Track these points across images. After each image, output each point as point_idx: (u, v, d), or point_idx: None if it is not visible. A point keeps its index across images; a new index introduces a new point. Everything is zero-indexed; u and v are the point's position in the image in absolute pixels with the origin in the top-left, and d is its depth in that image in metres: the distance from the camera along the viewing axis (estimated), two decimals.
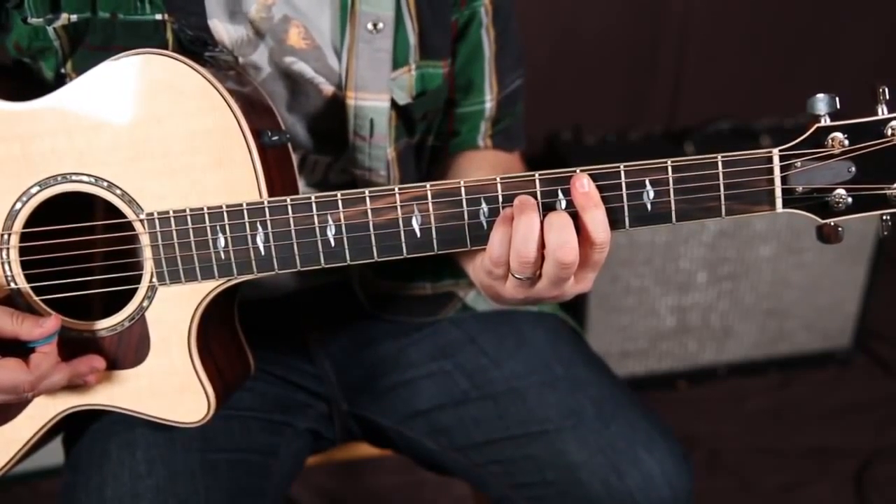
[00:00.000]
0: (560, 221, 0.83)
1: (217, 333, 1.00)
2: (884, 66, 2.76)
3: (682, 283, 2.27)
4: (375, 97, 1.07)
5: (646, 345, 2.34)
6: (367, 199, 0.88)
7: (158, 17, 0.98)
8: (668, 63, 2.61)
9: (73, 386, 0.97)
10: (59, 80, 1.04)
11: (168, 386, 0.97)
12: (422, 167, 1.24)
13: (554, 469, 1.10)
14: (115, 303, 0.97)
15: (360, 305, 1.20)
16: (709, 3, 2.57)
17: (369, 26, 1.05)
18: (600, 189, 0.85)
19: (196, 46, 0.99)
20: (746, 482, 2.13)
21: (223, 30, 1.02)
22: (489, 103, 1.19)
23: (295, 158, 1.09)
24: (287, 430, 1.17)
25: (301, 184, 1.12)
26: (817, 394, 2.41)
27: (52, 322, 0.92)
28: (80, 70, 1.01)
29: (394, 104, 1.09)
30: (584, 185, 0.84)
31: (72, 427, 1.11)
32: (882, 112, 0.82)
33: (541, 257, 0.85)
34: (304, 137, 1.11)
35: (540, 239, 0.84)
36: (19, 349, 0.92)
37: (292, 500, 2.05)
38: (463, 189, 0.87)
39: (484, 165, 1.20)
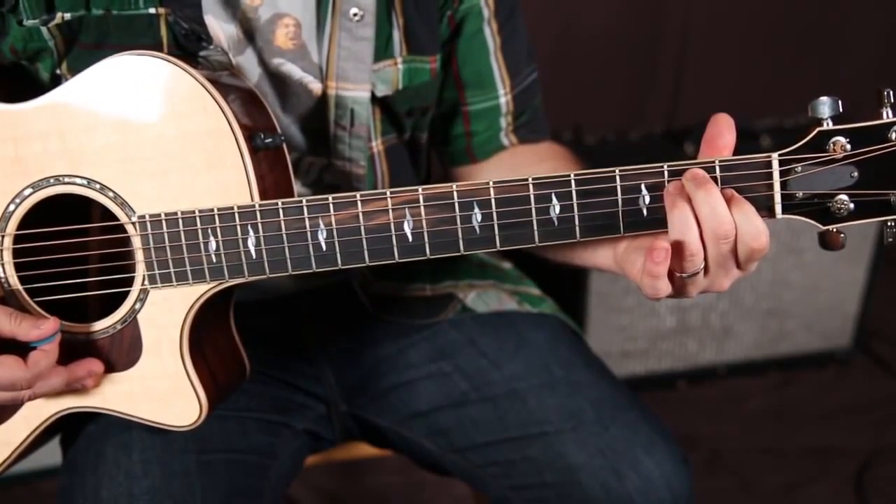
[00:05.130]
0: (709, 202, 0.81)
1: (211, 336, 0.99)
2: (884, 66, 2.76)
3: None
4: (356, 87, 1.07)
5: (646, 345, 2.34)
6: (359, 202, 0.87)
7: (152, 10, 0.98)
8: (668, 63, 2.61)
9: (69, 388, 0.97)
10: (56, 82, 1.03)
11: (160, 389, 0.97)
12: (420, 168, 1.24)
13: (553, 471, 1.09)
14: (110, 305, 0.97)
15: (359, 307, 1.20)
16: (709, 3, 2.57)
17: (350, 13, 1.05)
18: (593, 194, 0.84)
19: (190, 42, 0.98)
20: (746, 482, 2.13)
21: (218, 27, 1.01)
22: (504, 98, 1.18)
23: (291, 160, 1.09)
24: (285, 430, 1.16)
25: (297, 185, 1.12)
26: (817, 394, 2.41)
27: (50, 325, 0.92)
28: (75, 71, 1.00)
29: (374, 96, 1.09)
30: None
31: (69, 428, 1.11)
32: (887, 115, 0.80)
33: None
34: (299, 139, 1.10)
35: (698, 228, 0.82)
36: (19, 348, 0.91)
37: (292, 500, 2.05)
38: (455, 193, 0.86)
39: (546, 158, 1.19)
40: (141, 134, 0.90)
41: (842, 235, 0.85)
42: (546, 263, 1.11)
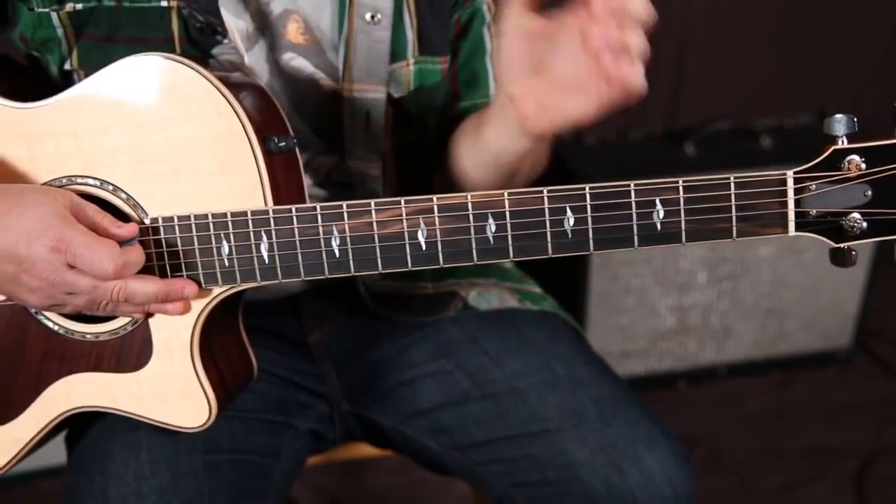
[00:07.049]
0: None
1: (220, 338, 1.00)
2: (884, 67, 2.76)
3: (682, 283, 2.27)
4: (372, 89, 1.08)
5: (646, 345, 2.34)
6: (373, 210, 0.88)
7: (164, 3, 0.98)
8: (668, 63, 2.61)
9: (75, 387, 0.98)
10: (65, 77, 1.04)
11: (169, 391, 0.97)
12: (430, 168, 1.24)
13: (555, 468, 1.10)
14: None
15: (361, 305, 1.20)
16: (709, 3, 2.57)
17: (367, 17, 1.05)
18: (607, 207, 0.85)
19: (205, 36, 0.99)
20: (746, 482, 2.13)
21: (231, 20, 1.02)
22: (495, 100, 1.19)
23: (302, 160, 1.09)
24: (288, 430, 1.17)
25: (306, 183, 1.12)
26: (817, 394, 2.41)
27: (131, 227, 0.91)
28: (84, 64, 1.01)
29: (389, 97, 1.10)
30: None
31: (75, 426, 1.11)
32: None
33: None
34: (312, 139, 1.11)
35: None
36: None
37: (292, 499, 2.05)
38: (470, 204, 0.86)
39: None
40: (154, 136, 0.90)
41: (854, 253, 0.85)
42: (544, 263, 1.11)
